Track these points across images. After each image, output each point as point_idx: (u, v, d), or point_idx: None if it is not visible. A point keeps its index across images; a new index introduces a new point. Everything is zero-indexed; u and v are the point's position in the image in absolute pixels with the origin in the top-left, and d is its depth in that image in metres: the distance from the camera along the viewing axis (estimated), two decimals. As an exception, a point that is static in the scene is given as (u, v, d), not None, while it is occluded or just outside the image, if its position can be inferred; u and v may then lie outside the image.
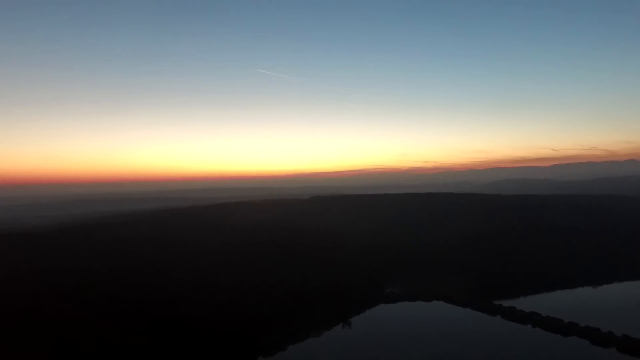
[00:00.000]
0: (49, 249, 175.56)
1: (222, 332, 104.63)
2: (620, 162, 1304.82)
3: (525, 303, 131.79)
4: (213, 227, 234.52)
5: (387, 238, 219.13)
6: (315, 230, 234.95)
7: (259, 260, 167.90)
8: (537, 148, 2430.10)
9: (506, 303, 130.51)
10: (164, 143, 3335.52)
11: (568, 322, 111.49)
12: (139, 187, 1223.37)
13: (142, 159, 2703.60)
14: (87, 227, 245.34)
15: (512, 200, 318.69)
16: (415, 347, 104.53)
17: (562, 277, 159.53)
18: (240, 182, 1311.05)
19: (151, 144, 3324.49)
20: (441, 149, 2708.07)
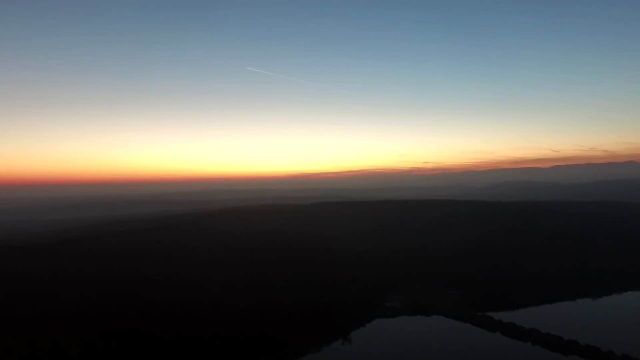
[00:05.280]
0: (46, 261, 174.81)
1: (222, 350, 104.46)
2: (620, 163, 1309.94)
3: (525, 316, 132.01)
4: (212, 237, 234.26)
5: (386, 247, 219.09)
6: (316, 239, 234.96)
7: (258, 273, 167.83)
8: (536, 149, 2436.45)
9: (506, 316, 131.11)
10: (162, 144, 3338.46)
11: (568, 339, 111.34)
12: (137, 189, 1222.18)
13: (141, 160, 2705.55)
14: (84, 236, 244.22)
15: (512, 207, 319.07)
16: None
17: (562, 287, 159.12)
18: (240, 184, 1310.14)
19: (150, 145, 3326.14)
20: (441, 150, 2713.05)
